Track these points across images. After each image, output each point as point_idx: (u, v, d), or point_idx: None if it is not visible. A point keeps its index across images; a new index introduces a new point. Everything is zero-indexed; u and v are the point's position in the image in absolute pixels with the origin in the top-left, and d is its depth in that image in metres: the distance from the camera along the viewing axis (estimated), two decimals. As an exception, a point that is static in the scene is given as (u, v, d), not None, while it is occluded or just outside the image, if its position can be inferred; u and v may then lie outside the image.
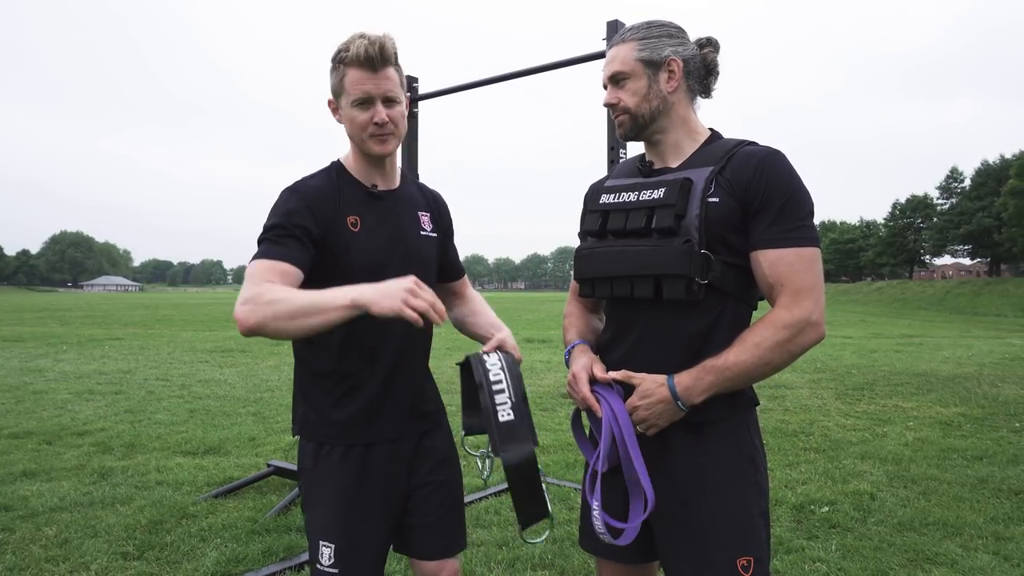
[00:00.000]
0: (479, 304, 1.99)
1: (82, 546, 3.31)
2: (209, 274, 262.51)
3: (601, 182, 1.75)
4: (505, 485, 4.33)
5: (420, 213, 1.82)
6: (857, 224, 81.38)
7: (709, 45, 1.60)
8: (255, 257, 1.53)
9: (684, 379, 1.45)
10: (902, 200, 66.73)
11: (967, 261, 67.12)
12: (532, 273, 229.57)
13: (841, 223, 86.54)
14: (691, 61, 1.57)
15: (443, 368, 9.76)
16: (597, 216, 1.64)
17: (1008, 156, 52.21)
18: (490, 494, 4.19)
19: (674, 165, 1.59)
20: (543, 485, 1.58)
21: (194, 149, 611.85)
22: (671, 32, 1.57)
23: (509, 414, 1.55)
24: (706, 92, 1.63)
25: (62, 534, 3.46)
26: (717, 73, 1.62)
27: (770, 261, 1.44)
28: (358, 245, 1.64)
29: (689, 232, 1.47)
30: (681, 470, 1.50)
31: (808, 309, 1.41)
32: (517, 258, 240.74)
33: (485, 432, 1.59)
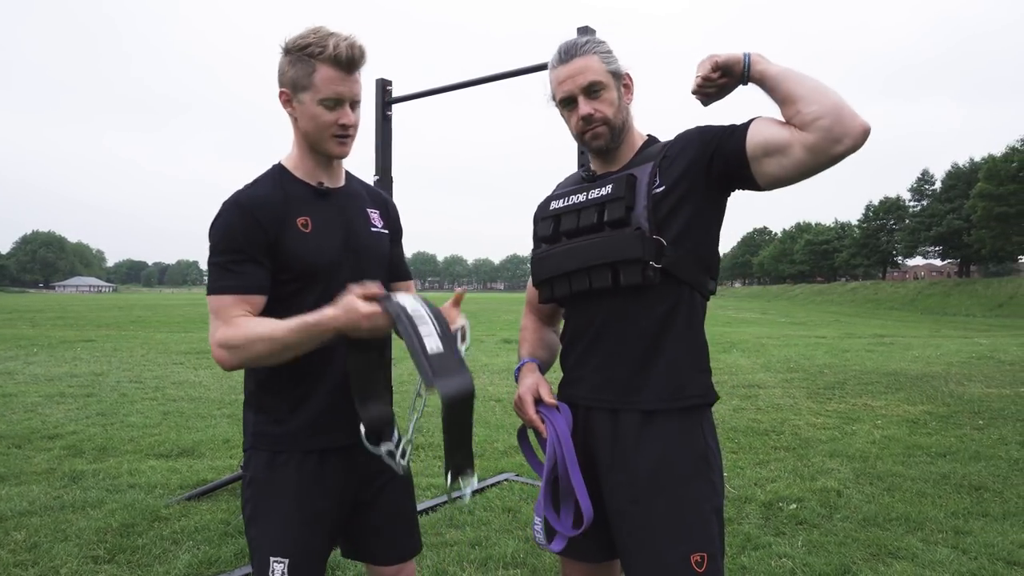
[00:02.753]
0: None
1: (52, 550, 3.28)
2: (184, 275, 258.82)
3: (549, 196, 1.80)
4: (477, 486, 4.35)
5: (369, 210, 1.80)
6: (832, 225, 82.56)
7: None
8: (213, 289, 1.55)
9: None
10: (875, 202, 67.88)
11: (938, 262, 68.49)
12: (511, 274, 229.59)
13: (816, 224, 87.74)
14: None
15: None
16: (549, 222, 1.69)
17: (977, 159, 53.34)
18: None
19: (615, 169, 1.66)
20: (473, 432, 1.48)
21: (170, 146, 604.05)
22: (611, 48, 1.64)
23: (437, 346, 1.38)
24: None
25: (31, 538, 3.43)
26: None
27: (761, 122, 1.49)
28: (312, 246, 1.62)
29: (639, 222, 1.53)
30: (634, 467, 1.55)
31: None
32: (496, 259, 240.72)
33: (390, 425, 1.55)
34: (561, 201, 1.68)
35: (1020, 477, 4.56)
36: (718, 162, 1.51)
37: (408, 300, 1.45)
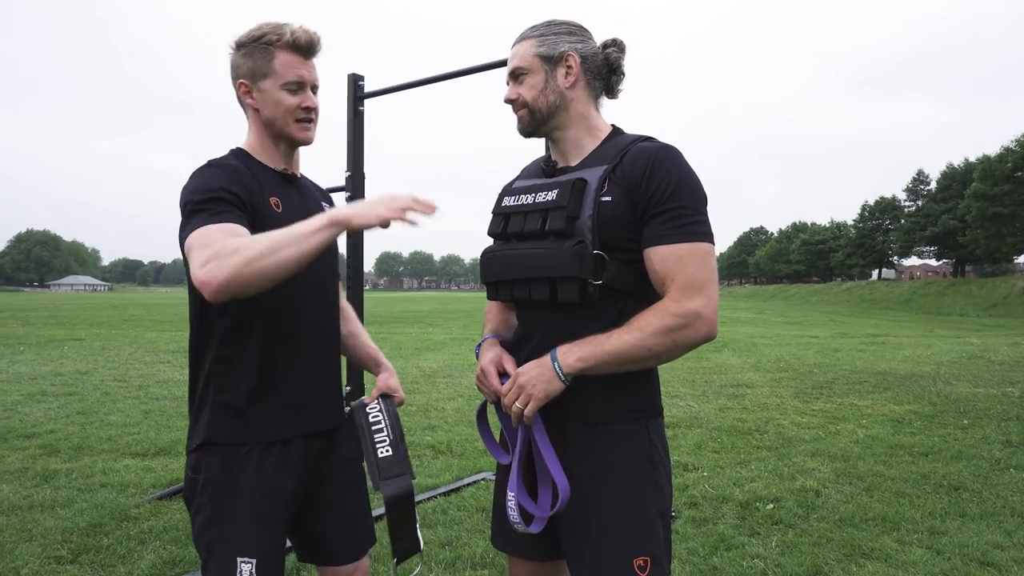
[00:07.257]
0: (355, 324, 2.01)
1: (14, 550, 3.24)
2: (181, 274, 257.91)
3: (510, 184, 1.75)
4: (454, 485, 4.33)
5: (323, 203, 1.83)
6: (827, 225, 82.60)
7: (614, 45, 1.61)
8: (195, 226, 1.41)
9: (563, 346, 1.46)
10: (871, 202, 67.92)
11: (933, 262, 68.41)
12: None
13: (812, 224, 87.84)
14: (591, 58, 1.58)
15: (410, 369, 9.69)
16: (500, 219, 1.64)
17: (972, 159, 53.36)
18: (439, 494, 4.18)
19: (574, 164, 1.60)
20: (417, 521, 1.74)
21: (166, 144, 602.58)
22: (571, 30, 1.59)
23: (387, 451, 1.75)
24: (610, 92, 1.64)
25: (-5, 538, 3.38)
26: (622, 73, 1.63)
27: (661, 256, 1.44)
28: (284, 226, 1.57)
29: (583, 233, 1.47)
30: (578, 469, 1.51)
31: (700, 303, 1.41)
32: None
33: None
34: (513, 199, 1.63)
35: (1000, 477, 4.54)
36: (639, 218, 1.48)
37: (373, 407, 1.80)
